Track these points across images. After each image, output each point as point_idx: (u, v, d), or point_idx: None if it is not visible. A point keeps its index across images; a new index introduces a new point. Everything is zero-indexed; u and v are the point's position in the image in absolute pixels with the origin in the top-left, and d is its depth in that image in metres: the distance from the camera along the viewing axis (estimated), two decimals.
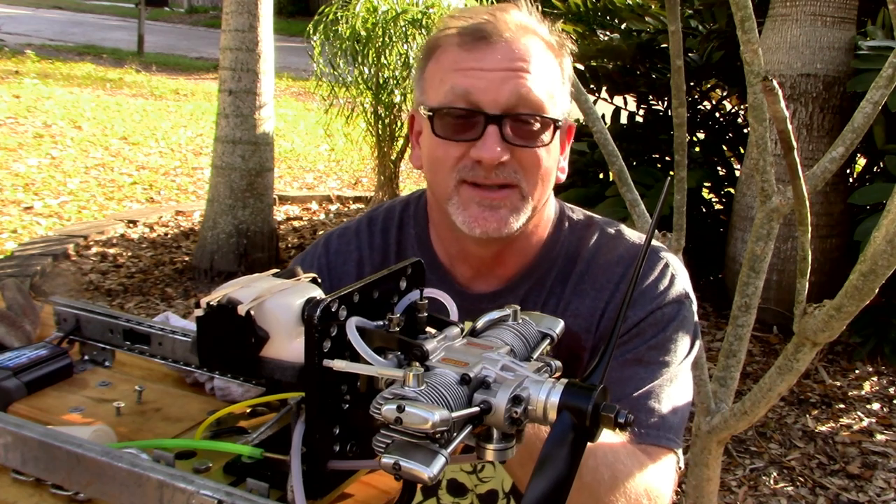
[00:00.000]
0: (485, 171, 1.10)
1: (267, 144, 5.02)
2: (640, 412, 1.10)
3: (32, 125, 8.06)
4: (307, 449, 0.69)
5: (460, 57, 1.12)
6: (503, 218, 1.12)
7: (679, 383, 1.16)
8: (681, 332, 1.17)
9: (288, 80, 12.20)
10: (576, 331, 1.17)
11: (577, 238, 1.24)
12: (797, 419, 3.67)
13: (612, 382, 1.12)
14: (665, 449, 1.11)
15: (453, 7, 5.20)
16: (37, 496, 0.71)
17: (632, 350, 1.14)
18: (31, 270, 4.58)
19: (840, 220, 4.35)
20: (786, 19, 4.24)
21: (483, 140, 1.09)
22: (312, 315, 0.67)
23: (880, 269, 1.30)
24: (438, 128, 1.13)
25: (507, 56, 1.11)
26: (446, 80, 1.12)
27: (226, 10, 4.82)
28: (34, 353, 0.90)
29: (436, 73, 1.16)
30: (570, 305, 1.19)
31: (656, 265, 1.19)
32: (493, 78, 1.10)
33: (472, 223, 1.12)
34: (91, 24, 18.52)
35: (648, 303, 1.16)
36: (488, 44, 1.11)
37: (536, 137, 1.12)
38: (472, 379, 0.64)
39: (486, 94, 1.09)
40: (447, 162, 1.13)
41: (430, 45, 1.19)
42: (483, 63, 1.10)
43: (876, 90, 1.56)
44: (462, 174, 1.12)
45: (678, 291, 1.19)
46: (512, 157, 1.10)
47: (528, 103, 1.10)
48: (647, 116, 5.31)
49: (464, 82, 1.10)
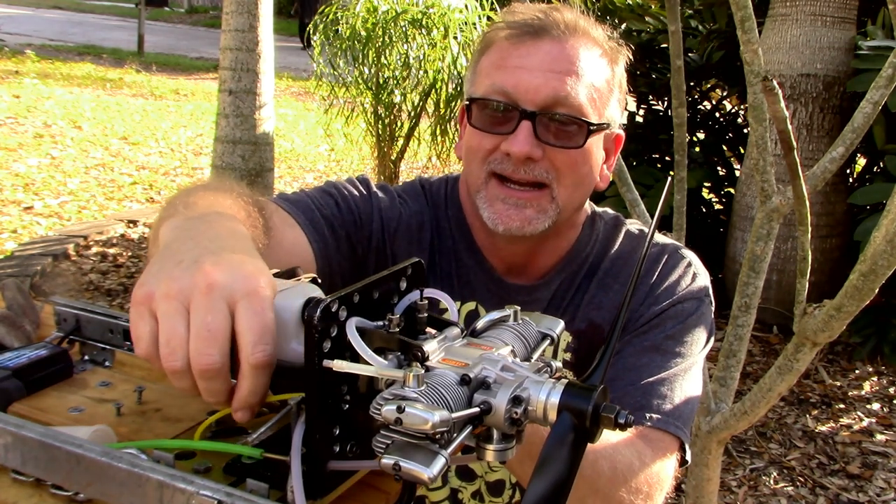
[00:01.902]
0: (514, 165, 1.12)
1: (267, 144, 5.02)
2: (652, 397, 1.12)
3: (32, 125, 8.06)
4: (307, 449, 0.69)
5: (507, 52, 1.14)
6: (528, 217, 1.14)
7: (692, 376, 1.18)
8: (698, 327, 1.20)
9: (288, 80, 12.20)
10: (599, 322, 1.22)
11: (606, 237, 1.28)
12: (797, 419, 3.67)
13: (629, 369, 1.14)
14: (672, 436, 1.12)
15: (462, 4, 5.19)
16: (37, 496, 0.71)
17: (650, 339, 1.17)
18: (31, 270, 4.58)
19: (840, 220, 4.35)
20: (786, 19, 4.24)
21: (515, 134, 1.11)
22: (312, 315, 0.67)
23: (880, 269, 1.30)
24: (475, 118, 1.15)
25: (551, 55, 1.12)
26: (491, 74, 1.15)
27: (226, 10, 4.82)
28: (34, 353, 0.90)
29: (485, 67, 1.18)
30: (595, 298, 1.23)
31: (680, 263, 1.23)
32: (535, 75, 1.11)
33: (496, 219, 1.14)
34: (91, 24, 18.52)
35: (670, 296, 1.19)
36: (535, 41, 1.13)
37: (571, 139, 1.12)
38: (472, 379, 0.64)
39: (525, 91, 1.11)
40: (480, 152, 1.15)
41: (484, 41, 1.21)
42: (526, 60, 1.12)
43: (876, 90, 1.56)
44: (493, 166, 1.14)
45: (699, 288, 1.22)
46: (545, 156, 1.12)
47: (567, 104, 1.11)
48: (647, 116, 5.31)
49: (505, 77, 1.12)
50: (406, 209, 1.28)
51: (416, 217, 1.27)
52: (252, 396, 0.67)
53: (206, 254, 0.70)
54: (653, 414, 1.11)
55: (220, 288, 0.66)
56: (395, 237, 1.25)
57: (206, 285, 0.66)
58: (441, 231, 1.28)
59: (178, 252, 0.71)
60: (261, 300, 0.67)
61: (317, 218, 1.18)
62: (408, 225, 1.26)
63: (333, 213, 1.21)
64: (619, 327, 0.70)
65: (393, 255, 1.24)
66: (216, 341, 0.65)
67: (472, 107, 1.15)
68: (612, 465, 1.00)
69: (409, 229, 1.26)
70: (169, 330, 0.66)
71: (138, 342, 0.68)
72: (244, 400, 0.68)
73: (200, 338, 0.65)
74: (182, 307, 0.66)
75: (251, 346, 0.65)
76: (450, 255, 1.27)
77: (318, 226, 1.17)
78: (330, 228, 1.19)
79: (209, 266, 0.67)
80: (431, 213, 1.29)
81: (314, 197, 1.22)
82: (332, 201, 1.22)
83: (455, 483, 1.29)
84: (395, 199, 1.28)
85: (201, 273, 0.67)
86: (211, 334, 0.65)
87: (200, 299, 0.65)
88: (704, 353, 1.21)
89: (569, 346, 1.23)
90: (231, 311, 0.66)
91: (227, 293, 0.66)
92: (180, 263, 0.69)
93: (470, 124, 1.16)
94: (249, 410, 0.69)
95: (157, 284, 0.67)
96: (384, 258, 1.24)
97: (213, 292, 0.66)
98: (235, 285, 0.67)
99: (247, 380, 0.66)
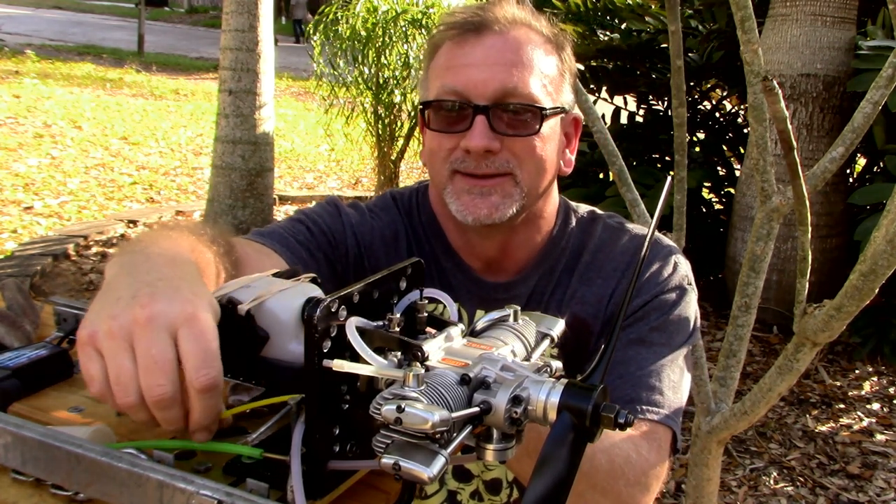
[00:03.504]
0: (475, 161, 1.13)
1: (267, 144, 5.02)
2: (642, 389, 1.13)
3: (32, 125, 8.06)
4: (307, 449, 0.69)
5: (452, 53, 1.16)
6: (494, 204, 1.15)
7: (679, 366, 1.19)
8: (682, 317, 1.21)
9: (288, 80, 12.21)
10: (583, 317, 1.22)
11: (581, 231, 1.28)
12: (797, 419, 3.67)
13: (616, 362, 1.14)
14: (665, 427, 1.12)
15: (452, 6, 5.20)
16: (37, 496, 0.71)
17: (635, 332, 1.17)
18: (31, 270, 4.58)
19: (840, 220, 4.35)
20: (786, 19, 4.24)
21: (471, 130, 1.12)
22: (312, 315, 0.67)
23: (880, 269, 1.30)
24: (432, 121, 1.17)
25: (495, 48, 1.14)
26: (441, 76, 1.16)
27: (226, 10, 4.82)
28: (34, 353, 0.90)
29: (433, 70, 1.20)
30: (577, 293, 1.23)
31: (660, 254, 1.24)
32: (482, 70, 1.13)
33: (464, 210, 1.15)
34: (91, 24, 18.52)
35: (652, 287, 1.20)
36: (478, 37, 1.15)
37: (526, 126, 1.14)
38: (471, 379, 0.64)
39: (475, 87, 1.12)
40: (440, 153, 1.17)
41: (430, 45, 1.23)
42: (472, 57, 1.14)
43: (876, 90, 1.56)
44: (455, 165, 1.16)
45: (680, 278, 1.23)
46: (503, 147, 1.13)
47: (517, 94, 1.12)
48: (647, 116, 5.31)
49: (454, 76, 1.14)
50: (378, 221, 1.30)
51: (390, 227, 1.29)
52: (205, 419, 0.70)
53: (142, 287, 0.72)
54: (644, 406, 1.11)
55: (159, 318, 0.68)
56: (370, 250, 1.27)
57: (145, 319, 0.68)
58: (417, 238, 1.30)
59: (117, 289, 0.73)
60: (200, 325, 0.69)
61: (292, 244, 1.20)
62: (382, 236, 1.28)
63: (308, 239, 1.23)
64: (618, 327, 0.70)
65: (372, 269, 1.25)
66: (164, 372, 0.67)
67: (427, 111, 1.17)
68: (609, 459, 1.01)
69: (383, 240, 1.28)
70: (116, 367, 0.68)
71: (91, 383, 0.70)
72: (198, 423, 0.70)
73: (148, 371, 0.67)
74: (126, 343, 0.68)
75: (195, 371, 0.67)
76: (428, 259, 1.28)
77: (295, 251, 1.19)
78: (307, 252, 1.21)
79: (146, 299, 0.69)
80: (405, 222, 1.31)
81: (286, 227, 1.25)
82: (304, 227, 1.25)
83: (453, 485, 1.29)
84: (365, 213, 1.31)
85: (139, 307, 0.69)
86: (157, 365, 0.67)
87: (141, 333, 0.68)
88: (690, 342, 1.22)
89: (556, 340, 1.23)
90: (173, 339, 0.68)
91: (166, 323, 0.68)
92: (119, 301, 0.71)
93: (428, 128, 1.18)
94: (207, 431, 0.71)
95: (99, 324, 0.69)
96: (363, 272, 1.25)
97: (153, 324, 0.68)
98: (173, 314, 0.68)
99: (196, 404, 0.69)
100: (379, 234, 1.28)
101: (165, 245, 0.86)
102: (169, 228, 0.94)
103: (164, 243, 0.86)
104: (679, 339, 1.19)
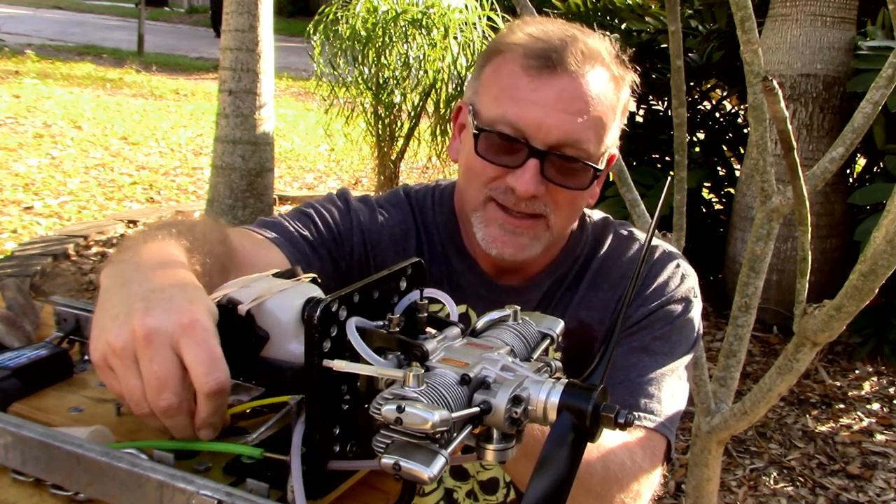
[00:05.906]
0: (515, 200, 1.12)
1: (267, 144, 5.02)
2: (640, 397, 1.13)
3: (32, 125, 8.05)
4: (307, 449, 0.69)
5: (521, 82, 1.11)
6: (522, 245, 1.14)
7: (678, 377, 1.19)
8: (686, 329, 1.22)
9: (288, 80, 12.20)
10: (588, 322, 1.23)
11: (594, 239, 1.29)
12: (797, 419, 3.67)
13: (617, 368, 1.14)
14: (660, 436, 1.13)
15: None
16: (37, 496, 0.71)
17: (638, 339, 1.18)
18: (31, 270, 4.58)
19: (840, 220, 4.35)
20: (786, 19, 4.24)
21: (522, 170, 1.10)
22: (312, 315, 0.67)
23: (880, 269, 1.30)
24: (482, 147, 1.13)
25: (567, 93, 1.09)
26: (502, 102, 1.11)
27: (226, 10, 4.82)
28: (34, 353, 0.90)
29: (493, 84, 1.15)
30: (585, 298, 1.24)
31: (668, 265, 1.24)
32: (548, 113, 1.09)
33: (491, 243, 1.15)
34: (91, 24, 18.52)
35: (659, 297, 1.20)
36: (552, 75, 1.09)
37: (576, 180, 1.13)
38: (472, 379, 0.64)
39: (538, 129, 1.09)
40: (481, 178, 1.14)
41: (494, 48, 1.18)
42: (540, 95, 1.09)
43: (876, 90, 1.56)
44: (492, 193, 1.14)
45: (687, 290, 1.24)
46: (546, 192, 1.12)
47: (576, 146, 1.10)
48: (647, 116, 5.31)
49: (517, 111, 1.09)
50: (388, 219, 1.27)
51: (400, 226, 1.27)
52: (212, 417, 0.71)
53: (136, 301, 0.73)
54: (641, 413, 1.12)
55: (158, 334, 0.70)
56: (378, 248, 1.25)
57: (143, 336, 0.70)
58: (430, 237, 1.28)
59: (112, 305, 0.74)
60: (200, 331, 0.70)
61: (295, 238, 1.18)
62: (391, 234, 1.26)
63: (312, 233, 1.21)
64: (618, 328, 0.70)
65: (378, 267, 1.23)
66: (167, 385, 0.69)
67: (479, 135, 1.13)
68: (604, 465, 1.02)
69: (392, 238, 1.26)
70: (127, 386, 0.71)
71: (120, 399, 0.73)
72: (204, 421, 0.72)
73: (153, 387, 0.69)
74: (130, 362, 0.70)
75: (203, 377, 0.69)
76: (439, 260, 1.27)
77: (297, 245, 1.17)
78: (310, 247, 1.19)
79: (141, 315, 0.71)
80: (417, 221, 1.29)
81: (291, 219, 1.22)
82: (310, 221, 1.22)
83: (449, 483, 1.29)
84: (375, 210, 1.28)
85: (137, 324, 0.70)
86: (160, 381, 0.69)
87: (143, 351, 0.70)
88: (691, 354, 1.23)
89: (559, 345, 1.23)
90: (175, 351, 0.70)
91: (166, 336, 0.70)
92: (116, 318, 0.72)
93: (476, 152, 1.14)
94: (212, 428, 0.73)
95: (104, 345, 0.72)
96: (368, 270, 1.23)
97: (153, 340, 0.69)
98: (171, 326, 0.70)
99: (205, 405, 0.70)
100: (388, 231, 1.26)
101: (155, 249, 0.85)
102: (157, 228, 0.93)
103: (153, 246, 0.86)
104: (681, 350, 1.20)
